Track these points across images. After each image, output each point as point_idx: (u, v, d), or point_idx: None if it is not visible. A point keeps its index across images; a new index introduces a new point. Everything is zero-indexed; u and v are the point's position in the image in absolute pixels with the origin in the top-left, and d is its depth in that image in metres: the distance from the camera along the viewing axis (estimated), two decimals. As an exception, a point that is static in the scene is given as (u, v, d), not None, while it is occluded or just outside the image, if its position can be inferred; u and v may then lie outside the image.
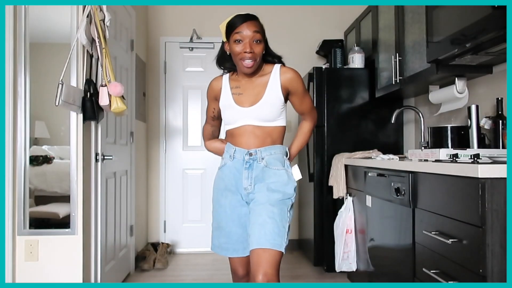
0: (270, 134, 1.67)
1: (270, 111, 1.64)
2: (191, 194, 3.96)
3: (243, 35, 1.59)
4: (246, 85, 1.69)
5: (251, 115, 1.65)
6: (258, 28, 1.62)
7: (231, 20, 1.63)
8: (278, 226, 1.54)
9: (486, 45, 1.77)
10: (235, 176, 1.67)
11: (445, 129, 2.24)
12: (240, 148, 1.66)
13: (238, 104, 1.66)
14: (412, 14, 2.48)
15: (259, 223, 1.54)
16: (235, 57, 1.62)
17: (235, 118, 1.67)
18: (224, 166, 1.70)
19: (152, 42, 3.96)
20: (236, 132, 1.68)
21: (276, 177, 1.64)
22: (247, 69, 1.62)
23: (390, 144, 3.23)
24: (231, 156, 1.68)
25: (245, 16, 1.62)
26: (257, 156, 1.65)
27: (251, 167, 1.65)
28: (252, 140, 1.66)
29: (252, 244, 1.53)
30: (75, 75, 2.20)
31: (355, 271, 2.69)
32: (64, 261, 2.23)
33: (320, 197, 3.15)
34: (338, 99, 3.20)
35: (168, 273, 3.23)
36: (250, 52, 1.58)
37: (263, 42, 1.63)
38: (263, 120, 1.65)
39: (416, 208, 1.81)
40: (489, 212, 1.33)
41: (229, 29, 1.62)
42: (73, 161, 2.23)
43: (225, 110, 1.71)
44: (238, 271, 1.73)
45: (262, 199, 1.60)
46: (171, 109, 3.98)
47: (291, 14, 3.98)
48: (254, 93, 1.66)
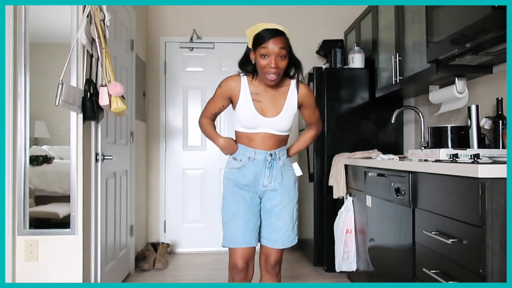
0: (282, 140, 1.87)
1: (287, 122, 1.83)
2: (191, 194, 3.96)
3: (269, 51, 1.66)
4: (265, 93, 1.80)
5: (271, 125, 1.80)
6: (284, 44, 1.68)
7: (259, 33, 1.68)
8: (294, 226, 1.86)
9: (486, 45, 1.77)
10: (256, 176, 1.82)
11: (445, 129, 2.24)
12: (260, 150, 1.81)
13: (259, 113, 1.78)
14: (412, 14, 2.48)
15: (280, 227, 1.82)
16: (260, 70, 1.72)
17: (255, 125, 1.80)
18: (243, 166, 1.82)
19: (152, 42, 3.96)
20: (253, 137, 1.82)
21: (288, 177, 1.87)
22: (270, 82, 1.72)
23: (390, 144, 3.23)
24: (250, 158, 1.81)
25: (273, 32, 1.67)
26: (276, 156, 1.83)
27: (272, 167, 1.83)
28: (270, 145, 1.82)
29: (270, 243, 1.83)
30: (75, 75, 2.20)
31: (355, 271, 2.69)
32: (64, 261, 2.23)
33: (320, 197, 3.15)
34: (338, 99, 3.21)
35: (168, 273, 3.23)
36: (275, 67, 1.67)
37: (287, 57, 1.71)
38: (280, 130, 1.82)
39: (416, 208, 1.81)
40: (489, 212, 1.33)
41: (257, 41, 1.69)
42: (73, 161, 2.23)
43: (245, 116, 1.80)
44: (239, 264, 1.78)
45: (282, 201, 1.83)
46: (171, 109, 3.98)
47: (291, 14, 3.98)
48: (273, 104, 1.80)
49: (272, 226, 1.83)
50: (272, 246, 1.84)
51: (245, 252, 1.79)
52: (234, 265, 1.80)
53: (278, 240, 1.82)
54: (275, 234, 1.82)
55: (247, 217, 1.80)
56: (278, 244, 1.83)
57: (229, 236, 1.81)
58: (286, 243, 1.83)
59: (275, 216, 1.83)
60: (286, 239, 1.83)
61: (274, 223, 1.83)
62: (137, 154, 3.43)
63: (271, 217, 1.83)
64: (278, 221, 1.82)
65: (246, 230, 1.78)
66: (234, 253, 1.80)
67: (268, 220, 1.84)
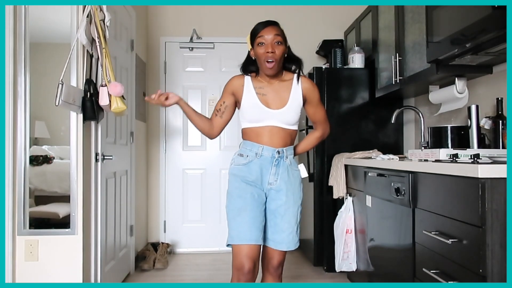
0: (290, 135, 1.85)
1: (293, 116, 1.81)
2: (191, 194, 3.96)
3: (265, 38, 1.74)
4: (269, 87, 1.82)
5: (277, 117, 1.79)
6: (278, 31, 1.76)
7: (254, 27, 1.79)
8: (297, 228, 1.85)
9: (486, 45, 1.77)
10: (262, 172, 1.81)
11: (445, 129, 2.24)
12: (268, 147, 1.79)
13: (264, 105, 1.79)
14: (412, 14, 2.48)
15: (284, 229, 1.80)
16: (259, 59, 1.76)
17: (261, 118, 1.79)
18: (250, 162, 1.80)
19: (152, 42, 3.96)
20: (260, 131, 1.80)
21: (294, 178, 1.85)
22: (269, 70, 1.75)
23: (390, 144, 3.23)
24: (257, 154, 1.79)
25: (266, 22, 1.77)
26: (283, 154, 1.81)
27: (279, 165, 1.81)
28: (278, 140, 1.80)
29: (274, 244, 1.82)
30: (75, 75, 2.20)
31: (355, 271, 2.69)
32: (64, 261, 2.23)
33: (320, 197, 3.15)
34: (338, 99, 3.21)
35: (168, 273, 3.23)
36: (272, 52, 1.71)
37: (283, 44, 1.77)
38: (287, 123, 1.81)
39: (416, 208, 1.81)
40: (489, 212, 1.33)
41: (253, 35, 1.78)
42: (73, 161, 2.23)
43: (250, 109, 1.80)
44: (245, 265, 1.69)
45: (287, 201, 1.81)
46: (171, 109, 3.97)
47: (291, 14, 3.98)
48: (278, 96, 1.80)
49: (277, 227, 1.81)
50: (275, 247, 1.81)
51: (252, 250, 1.70)
52: (240, 266, 1.70)
53: (282, 241, 1.80)
54: (279, 236, 1.80)
55: (255, 213, 1.75)
56: (282, 246, 1.81)
57: (235, 233, 1.73)
58: (290, 245, 1.81)
59: (279, 217, 1.81)
60: (290, 241, 1.81)
61: (278, 224, 1.81)
62: (137, 154, 3.43)
63: (276, 218, 1.81)
64: (283, 222, 1.80)
65: (253, 227, 1.73)
66: (240, 252, 1.70)
67: (273, 220, 1.82)
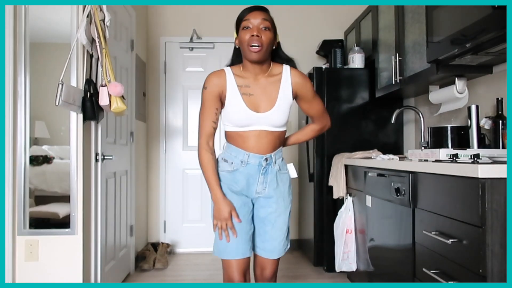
0: (279, 137, 1.67)
1: (282, 117, 1.63)
2: (191, 194, 3.96)
3: (251, 21, 1.56)
4: (255, 85, 1.62)
5: (265, 121, 1.60)
6: (266, 16, 1.58)
7: (240, 13, 1.61)
8: (287, 233, 1.74)
9: (486, 45, 1.77)
10: (248, 181, 1.65)
11: (445, 129, 2.24)
12: (254, 154, 1.62)
13: (250, 108, 1.59)
14: (412, 14, 2.48)
15: (275, 236, 1.70)
16: (243, 45, 1.56)
17: (247, 123, 1.60)
18: (236, 171, 1.64)
19: (152, 42, 3.96)
20: (246, 136, 1.61)
21: (283, 183, 1.72)
22: (254, 54, 1.54)
23: (390, 144, 3.23)
24: (243, 162, 1.62)
25: (254, 7, 1.59)
26: (271, 160, 1.65)
27: (267, 172, 1.65)
28: (265, 145, 1.63)
29: (266, 253, 1.71)
30: (75, 75, 2.20)
31: (355, 271, 2.69)
32: (64, 261, 2.23)
33: (320, 197, 3.15)
34: (338, 99, 3.20)
35: (168, 273, 3.23)
36: (257, 35, 1.53)
37: (271, 31, 1.58)
38: (275, 126, 1.63)
39: (416, 208, 1.81)
40: (489, 212, 1.33)
41: (239, 20, 1.60)
42: (73, 161, 2.23)
43: (235, 114, 1.60)
44: (235, 277, 1.63)
45: (278, 208, 1.69)
46: (171, 109, 3.98)
47: (291, 14, 3.98)
48: (266, 96, 1.61)
49: (267, 235, 1.69)
50: (267, 256, 1.71)
51: (240, 264, 1.62)
52: (230, 279, 1.64)
53: (274, 250, 1.70)
54: (270, 244, 1.69)
55: (242, 225, 1.62)
56: (274, 254, 1.71)
57: (222, 246, 1.62)
58: (281, 252, 1.72)
59: (270, 225, 1.69)
60: (281, 248, 1.72)
61: (269, 232, 1.69)
62: (137, 154, 3.43)
63: (266, 226, 1.69)
64: (273, 230, 1.69)
65: (241, 239, 1.61)
66: (229, 266, 1.63)
67: (262, 228, 1.70)
